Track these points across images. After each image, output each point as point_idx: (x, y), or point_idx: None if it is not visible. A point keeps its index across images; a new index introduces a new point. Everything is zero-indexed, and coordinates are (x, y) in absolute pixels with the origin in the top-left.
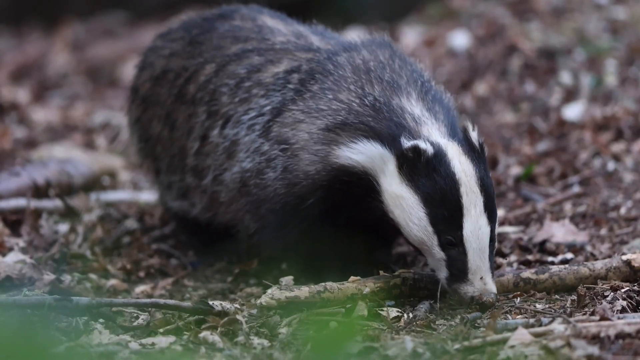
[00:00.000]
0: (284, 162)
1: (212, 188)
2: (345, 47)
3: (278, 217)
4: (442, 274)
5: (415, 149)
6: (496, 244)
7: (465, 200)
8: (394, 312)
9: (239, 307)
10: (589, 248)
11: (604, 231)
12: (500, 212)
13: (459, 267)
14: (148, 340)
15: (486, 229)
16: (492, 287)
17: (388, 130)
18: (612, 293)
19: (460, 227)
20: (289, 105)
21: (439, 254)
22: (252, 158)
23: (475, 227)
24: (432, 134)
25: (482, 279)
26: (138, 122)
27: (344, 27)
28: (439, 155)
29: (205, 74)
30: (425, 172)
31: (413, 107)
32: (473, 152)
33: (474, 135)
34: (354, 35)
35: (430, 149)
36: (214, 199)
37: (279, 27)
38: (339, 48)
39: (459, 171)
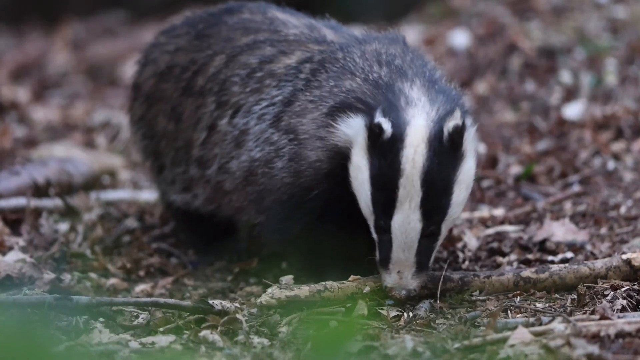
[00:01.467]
0: (289, 150)
1: (216, 178)
2: (359, 39)
3: (283, 209)
4: (377, 253)
5: (380, 127)
6: (439, 241)
7: (402, 192)
8: (394, 311)
9: (239, 306)
10: (589, 247)
11: (604, 230)
12: (500, 211)
13: (384, 254)
14: (148, 339)
15: (416, 225)
16: (407, 283)
17: (378, 105)
18: (612, 292)
19: (391, 216)
20: (298, 95)
21: (374, 235)
22: (261, 147)
23: (404, 221)
24: (416, 115)
25: (399, 273)
26: (142, 120)
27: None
28: (394, 140)
29: (215, 65)
30: (380, 152)
31: (412, 91)
32: (441, 143)
33: (448, 125)
34: (367, 30)
35: (389, 131)
36: (218, 189)
37: (291, 20)
38: (352, 41)
39: (407, 161)
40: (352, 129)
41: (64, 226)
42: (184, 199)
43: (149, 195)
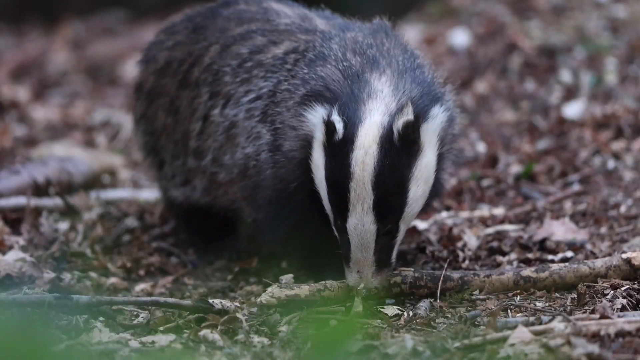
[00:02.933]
0: (268, 140)
1: (211, 169)
2: (342, 28)
3: (271, 206)
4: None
5: (332, 125)
6: (398, 238)
7: (353, 195)
8: (394, 310)
9: (239, 305)
10: (589, 246)
11: (604, 229)
12: (500, 210)
13: (345, 253)
14: (148, 339)
15: (370, 227)
16: (368, 282)
17: (341, 97)
18: (612, 291)
19: (345, 218)
20: (280, 86)
21: (335, 232)
22: (253, 144)
23: (358, 223)
24: (373, 110)
25: (359, 272)
26: (143, 117)
27: None
28: (345, 141)
29: (210, 56)
30: (332, 153)
31: (378, 82)
32: (392, 143)
33: (398, 123)
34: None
35: (340, 132)
36: (213, 180)
37: (284, 10)
38: (336, 29)
39: (357, 163)
40: (316, 119)
41: (64, 225)
42: (184, 193)
43: (149, 194)
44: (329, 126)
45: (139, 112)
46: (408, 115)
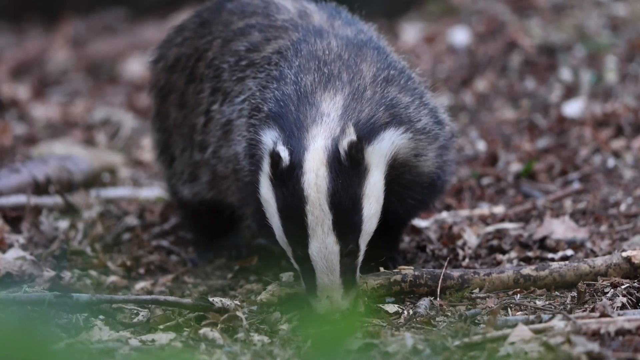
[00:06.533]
0: (245, 147)
1: (212, 161)
2: (320, 32)
3: (259, 213)
4: (303, 284)
5: (279, 156)
6: (360, 257)
7: (311, 219)
8: (394, 308)
9: (239, 303)
10: (589, 245)
11: (604, 228)
12: (500, 209)
13: (310, 283)
14: (148, 337)
15: (334, 248)
16: (339, 306)
17: (287, 124)
18: (612, 290)
19: (307, 245)
20: (258, 91)
21: (295, 265)
22: (240, 144)
23: (321, 246)
24: (317, 136)
25: (328, 298)
26: (157, 115)
27: None
28: (293, 168)
29: (213, 51)
30: (281, 182)
31: (329, 104)
32: (340, 162)
33: (342, 144)
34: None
35: (286, 160)
36: (215, 173)
37: (286, 4)
38: (316, 34)
39: (310, 187)
40: (265, 149)
41: (64, 224)
42: (192, 190)
43: (149, 192)
44: (274, 157)
45: (154, 110)
46: (351, 135)
